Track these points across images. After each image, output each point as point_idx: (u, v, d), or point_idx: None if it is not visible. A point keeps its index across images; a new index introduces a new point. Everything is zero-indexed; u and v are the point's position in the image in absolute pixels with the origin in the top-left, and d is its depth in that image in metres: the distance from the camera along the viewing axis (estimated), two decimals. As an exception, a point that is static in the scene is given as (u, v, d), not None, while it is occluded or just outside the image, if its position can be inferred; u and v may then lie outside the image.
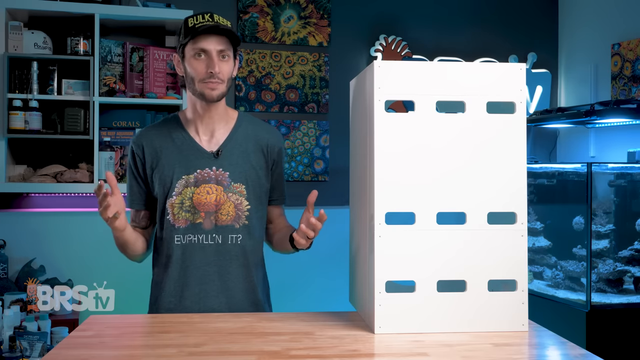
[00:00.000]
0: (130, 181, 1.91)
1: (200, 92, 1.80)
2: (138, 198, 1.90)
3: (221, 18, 1.81)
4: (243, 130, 1.91)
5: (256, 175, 1.89)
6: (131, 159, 1.90)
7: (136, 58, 3.50)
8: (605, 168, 3.29)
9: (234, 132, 1.89)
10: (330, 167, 4.00)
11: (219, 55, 1.79)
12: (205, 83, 1.79)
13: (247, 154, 1.88)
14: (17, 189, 3.35)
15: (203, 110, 1.85)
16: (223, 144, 1.87)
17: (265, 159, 1.91)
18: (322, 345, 1.46)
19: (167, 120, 1.93)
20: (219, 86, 1.80)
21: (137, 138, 1.90)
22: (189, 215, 1.83)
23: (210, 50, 1.78)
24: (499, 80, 1.59)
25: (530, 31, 4.29)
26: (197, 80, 1.80)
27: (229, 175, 1.85)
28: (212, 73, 1.77)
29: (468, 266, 1.56)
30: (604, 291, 3.08)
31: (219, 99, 1.82)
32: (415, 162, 1.55)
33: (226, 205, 1.84)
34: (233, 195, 1.84)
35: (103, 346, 1.47)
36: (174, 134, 1.88)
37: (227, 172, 1.85)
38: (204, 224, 1.83)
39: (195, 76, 1.79)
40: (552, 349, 1.51)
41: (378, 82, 1.54)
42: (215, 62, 1.77)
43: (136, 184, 1.90)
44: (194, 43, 1.78)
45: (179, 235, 1.83)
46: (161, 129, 1.90)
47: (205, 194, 1.83)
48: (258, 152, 1.90)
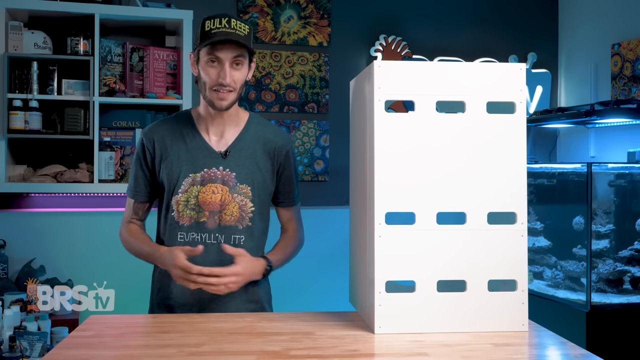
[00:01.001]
0: (136, 172, 1.92)
1: (209, 100, 1.82)
2: (143, 190, 1.91)
3: (238, 23, 1.79)
4: (252, 132, 1.91)
5: (262, 178, 1.89)
6: (140, 150, 1.91)
7: (136, 58, 3.50)
8: (605, 168, 3.29)
9: (243, 134, 1.90)
10: (330, 167, 4.00)
11: (232, 64, 1.79)
12: (215, 92, 1.80)
13: (254, 156, 1.89)
14: (17, 189, 3.35)
15: (215, 112, 1.86)
16: (232, 145, 1.88)
17: (272, 161, 1.91)
18: (322, 345, 1.46)
19: (178, 117, 1.94)
20: (229, 96, 1.80)
21: (149, 131, 1.91)
22: (193, 213, 1.84)
23: (223, 59, 1.78)
24: (499, 80, 1.59)
25: (530, 31, 4.29)
26: (208, 86, 1.80)
27: (236, 176, 1.86)
28: (223, 82, 1.78)
29: (468, 266, 1.56)
30: (604, 291, 3.08)
31: (227, 108, 1.83)
32: (415, 162, 1.55)
33: (231, 206, 1.85)
34: (238, 196, 1.85)
35: (103, 346, 1.47)
36: (184, 131, 1.89)
37: (233, 173, 1.86)
38: (207, 223, 1.84)
39: (207, 82, 1.80)
40: (552, 349, 1.51)
41: (378, 82, 1.54)
42: (227, 73, 1.78)
43: (143, 176, 1.91)
44: (208, 49, 1.78)
45: (182, 232, 1.85)
46: (172, 125, 1.91)
47: (211, 193, 1.84)
48: (265, 155, 1.90)
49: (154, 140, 1.89)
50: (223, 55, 1.77)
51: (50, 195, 3.55)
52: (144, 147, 1.90)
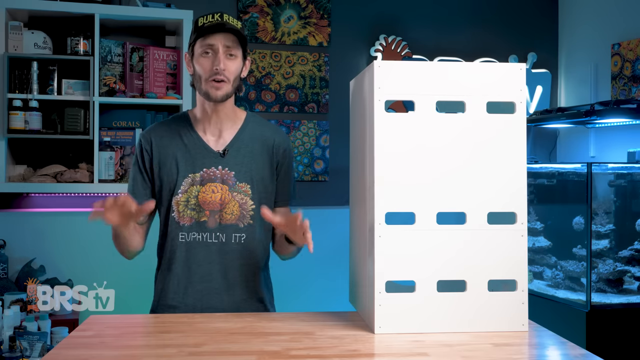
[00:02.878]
0: (135, 175, 1.92)
1: (205, 91, 1.83)
2: (142, 193, 1.91)
3: (231, 18, 1.83)
4: (250, 130, 1.92)
5: (261, 176, 1.90)
6: (139, 153, 1.92)
7: (136, 58, 3.50)
8: (605, 168, 3.29)
9: (241, 132, 1.91)
10: (330, 167, 4.00)
11: (226, 53, 1.81)
12: (210, 82, 1.81)
13: (253, 154, 1.90)
14: (17, 189, 3.35)
15: (211, 110, 1.87)
16: (230, 144, 1.89)
17: (270, 159, 1.92)
18: (322, 345, 1.46)
19: (176, 118, 1.95)
20: (224, 86, 1.82)
21: (147, 133, 1.92)
22: (194, 213, 1.84)
23: (217, 46, 1.80)
24: (499, 80, 1.59)
25: (530, 31, 4.29)
26: (203, 79, 1.82)
27: (235, 174, 1.86)
28: (217, 70, 1.79)
29: (468, 266, 1.56)
30: (604, 291, 3.08)
31: (223, 99, 1.84)
32: (415, 162, 1.55)
33: (231, 205, 1.85)
34: (238, 194, 1.86)
35: (103, 346, 1.47)
36: (182, 132, 1.90)
37: (232, 172, 1.86)
38: (208, 222, 1.84)
39: (202, 74, 1.82)
40: (552, 349, 1.51)
41: (378, 82, 1.54)
42: (220, 59, 1.80)
43: (141, 179, 1.91)
44: (202, 40, 1.81)
45: (183, 232, 1.85)
46: (170, 126, 1.92)
47: (211, 193, 1.84)
48: (264, 153, 1.91)
49: (152, 141, 1.90)
50: (216, 42, 1.80)
51: (50, 195, 3.55)
52: (142, 149, 1.91)
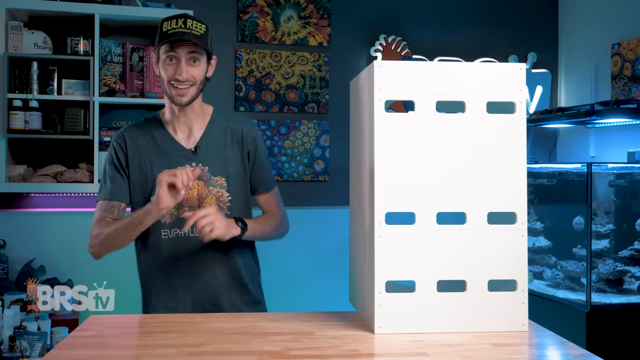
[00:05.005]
0: (113, 174, 1.93)
1: (170, 96, 1.89)
2: (122, 191, 1.92)
3: (195, 23, 1.86)
4: (218, 124, 1.97)
5: (235, 166, 1.95)
6: (114, 153, 1.94)
7: (136, 58, 3.50)
8: (605, 168, 3.29)
9: (210, 127, 1.96)
10: (330, 167, 4.00)
11: (189, 60, 1.86)
12: (174, 88, 1.86)
13: (224, 147, 1.95)
14: (17, 189, 3.35)
15: (178, 110, 1.92)
16: (200, 140, 1.94)
17: (241, 149, 1.97)
18: (322, 345, 1.46)
19: (148, 120, 2.00)
20: (188, 91, 1.87)
21: (121, 134, 1.96)
22: (173, 210, 1.89)
23: (179, 56, 1.84)
24: (499, 80, 1.59)
25: (530, 31, 4.29)
26: (166, 81, 1.87)
27: (209, 169, 1.92)
28: (180, 79, 1.84)
29: (468, 266, 1.56)
30: (604, 291, 3.08)
31: (188, 103, 1.89)
32: (415, 162, 1.55)
33: (208, 199, 1.91)
34: (214, 188, 1.92)
35: (103, 346, 1.47)
36: (155, 133, 1.95)
37: (206, 167, 1.92)
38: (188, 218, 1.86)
39: (165, 78, 1.87)
40: (552, 349, 1.51)
41: (378, 82, 1.54)
42: (182, 69, 1.84)
43: (120, 177, 1.93)
44: (165, 47, 1.85)
45: (165, 229, 1.90)
46: (143, 128, 1.97)
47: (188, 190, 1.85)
48: (234, 144, 1.96)
49: (126, 142, 1.94)
50: (179, 53, 1.84)
51: (50, 195, 3.55)
52: (117, 149, 1.94)
